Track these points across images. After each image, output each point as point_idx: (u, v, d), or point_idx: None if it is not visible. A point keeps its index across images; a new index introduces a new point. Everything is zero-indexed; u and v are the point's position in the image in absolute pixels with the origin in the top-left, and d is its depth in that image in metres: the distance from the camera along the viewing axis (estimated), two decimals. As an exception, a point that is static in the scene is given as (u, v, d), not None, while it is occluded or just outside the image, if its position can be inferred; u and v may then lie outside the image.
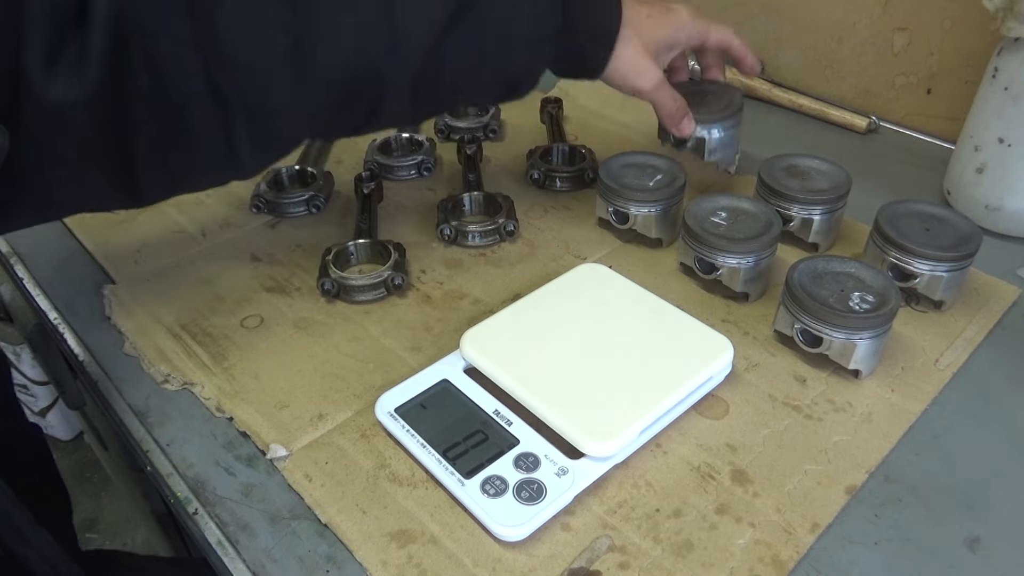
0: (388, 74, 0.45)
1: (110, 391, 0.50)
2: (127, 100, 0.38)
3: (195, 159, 0.43)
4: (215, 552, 0.41)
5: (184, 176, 0.44)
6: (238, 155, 0.43)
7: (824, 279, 0.50)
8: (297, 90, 0.42)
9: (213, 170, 0.45)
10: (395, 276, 0.56)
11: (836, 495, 0.42)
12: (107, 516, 1.38)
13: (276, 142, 0.46)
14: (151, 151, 0.41)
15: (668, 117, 0.58)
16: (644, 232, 0.60)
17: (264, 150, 0.45)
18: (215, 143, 0.42)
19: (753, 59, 0.62)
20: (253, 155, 0.44)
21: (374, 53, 0.43)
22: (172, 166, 0.42)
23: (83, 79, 0.36)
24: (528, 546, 0.40)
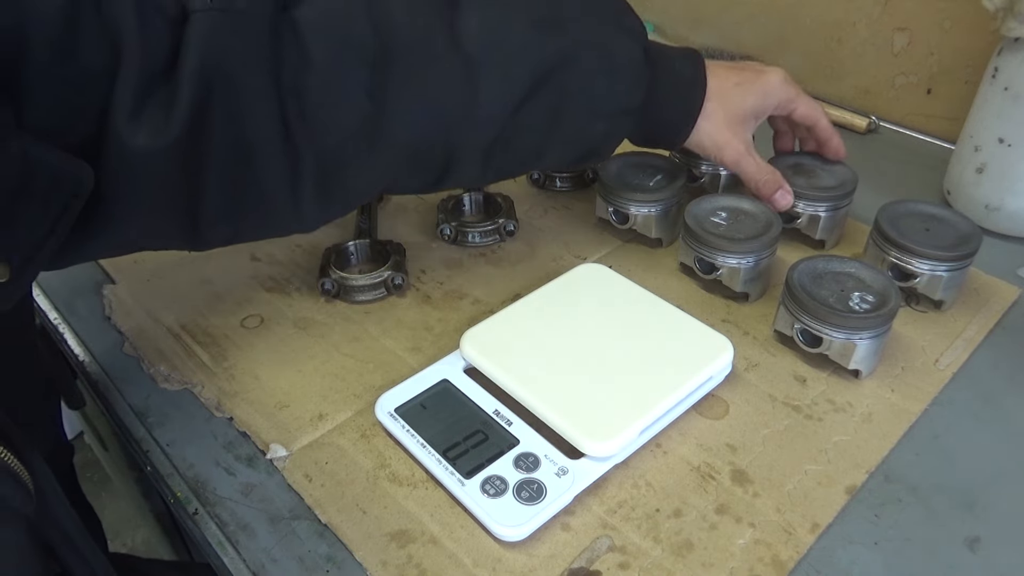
0: (462, 143, 0.45)
1: (110, 391, 0.50)
2: (207, 150, 0.38)
3: (260, 212, 0.43)
4: (215, 552, 0.41)
5: (247, 227, 0.44)
6: (302, 212, 0.43)
7: (824, 279, 0.50)
8: (370, 154, 0.43)
9: (276, 224, 0.45)
10: (395, 276, 0.56)
11: (836, 495, 0.42)
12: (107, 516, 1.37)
13: (342, 200, 0.46)
14: (220, 200, 0.41)
15: (757, 190, 0.56)
16: (644, 232, 0.60)
17: (329, 208, 0.45)
18: (282, 198, 0.42)
19: (838, 143, 0.59)
20: (318, 212, 0.44)
21: (451, 122, 0.44)
22: (238, 216, 0.43)
23: (168, 130, 0.36)
24: (528, 546, 0.40)
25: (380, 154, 0.43)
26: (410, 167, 0.45)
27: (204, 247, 0.45)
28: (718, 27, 0.91)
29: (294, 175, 0.41)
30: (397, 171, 0.45)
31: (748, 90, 0.54)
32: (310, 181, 0.42)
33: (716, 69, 0.53)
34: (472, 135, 0.45)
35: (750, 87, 0.54)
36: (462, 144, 0.45)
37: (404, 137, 0.43)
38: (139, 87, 0.36)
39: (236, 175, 0.40)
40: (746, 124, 0.55)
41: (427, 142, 0.44)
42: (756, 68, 0.56)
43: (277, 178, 0.41)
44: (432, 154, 0.45)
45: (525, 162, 0.50)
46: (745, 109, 0.54)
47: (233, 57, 0.37)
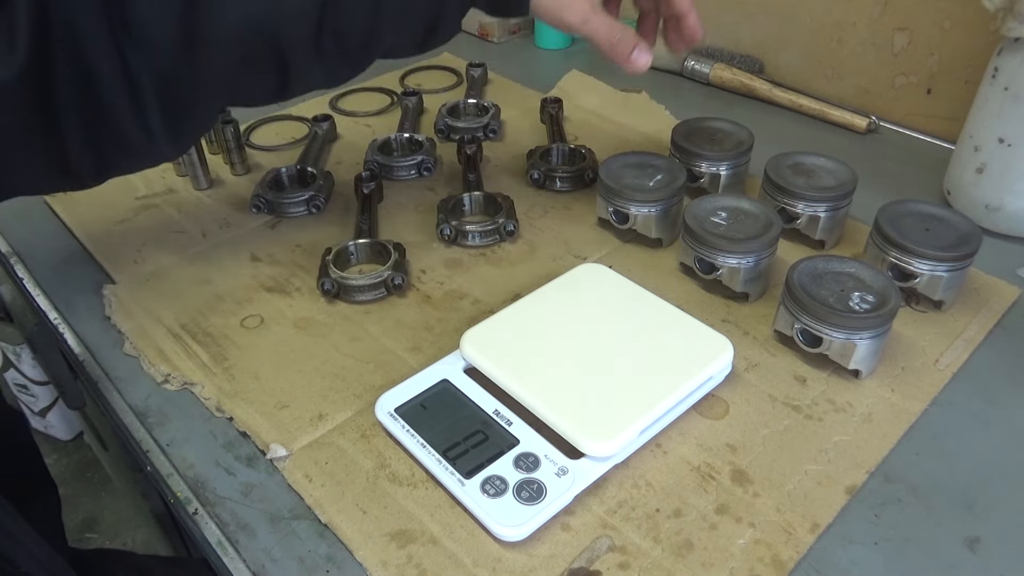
0: (283, 35, 0.43)
1: (110, 391, 0.50)
2: (52, 75, 0.39)
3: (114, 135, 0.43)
4: (215, 552, 0.41)
5: (109, 154, 0.45)
6: (152, 130, 0.43)
7: (824, 279, 0.50)
8: (197, 58, 0.42)
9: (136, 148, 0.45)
10: (395, 276, 0.56)
11: (836, 495, 0.42)
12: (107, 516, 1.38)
13: (187, 112, 0.45)
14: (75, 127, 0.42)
15: (610, 49, 0.52)
16: (644, 232, 0.60)
17: (177, 121, 0.45)
18: (130, 118, 0.42)
19: (696, 20, 0.55)
20: (167, 128, 0.44)
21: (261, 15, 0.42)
22: (96, 143, 0.43)
23: (14, 57, 0.38)
24: (528, 546, 0.40)
25: (207, 59, 0.43)
26: (245, 69, 0.44)
27: (83, 182, 0.45)
28: (718, 27, 0.91)
29: (133, 90, 0.42)
30: (234, 76, 0.44)
31: None
32: (150, 96, 0.42)
33: None
34: (289, 26, 0.43)
35: None
36: (284, 38, 0.43)
37: (222, 37, 0.42)
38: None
39: (85, 100, 0.41)
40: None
41: (247, 41, 0.43)
42: None
43: (120, 96, 0.41)
44: (260, 53, 0.44)
45: (366, 48, 0.47)
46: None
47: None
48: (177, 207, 0.67)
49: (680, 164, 0.62)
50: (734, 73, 0.86)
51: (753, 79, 0.85)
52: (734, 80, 0.86)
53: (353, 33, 0.45)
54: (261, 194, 0.66)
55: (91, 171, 0.45)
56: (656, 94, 0.84)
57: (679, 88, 0.88)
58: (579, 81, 0.87)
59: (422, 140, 0.74)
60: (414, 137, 0.74)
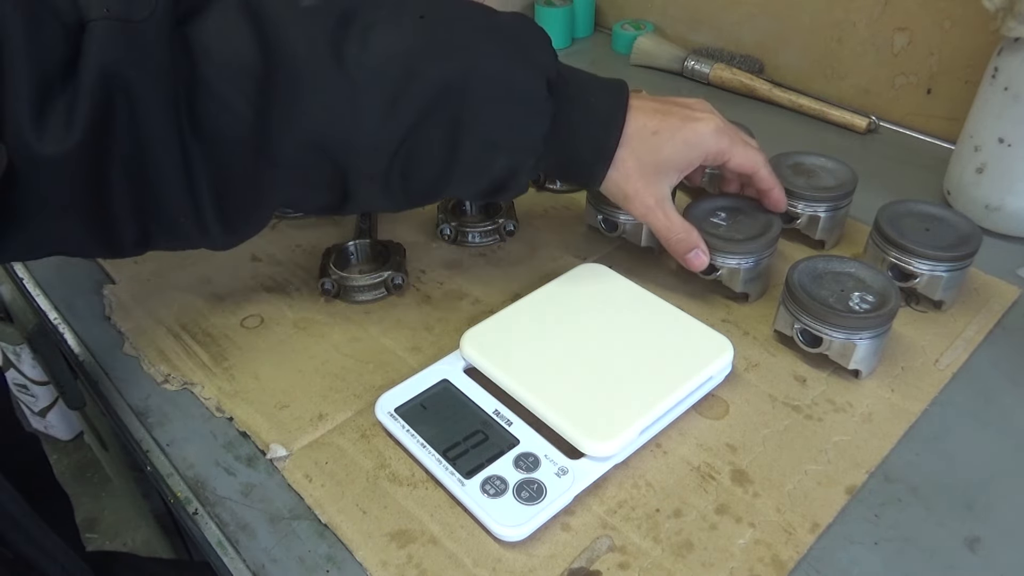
0: (350, 167, 0.44)
1: (110, 391, 0.50)
2: (108, 156, 0.39)
3: (163, 222, 0.43)
4: (215, 552, 0.41)
5: (154, 236, 0.45)
6: (205, 224, 0.44)
7: (824, 279, 0.50)
8: (258, 167, 0.43)
9: (182, 238, 0.45)
10: (395, 276, 0.56)
11: (836, 495, 0.42)
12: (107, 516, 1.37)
13: (243, 214, 0.46)
14: (124, 207, 0.42)
15: (667, 246, 0.52)
16: (633, 240, 0.59)
17: (231, 221, 0.45)
18: (182, 208, 0.43)
19: (779, 195, 0.54)
20: (221, 225, 0.45)
21: (332, 145, 0.43)
22: (143, 224, 0.43)
23: (69, 135, 0.37)
24: (528, 546, 0.40)
25: (268, 169, 0.43)
26: (304, 186, 0.45)
27: (121, 255, 0.45)
28: (718, 27, 0.91)
29: (192, 189, 0.42)
30: (292, 188, 0.45)
31: (666, 140, 0.48)
32: (206, 192, 0.42)
33: (638, 111, 0.48)
34: (358, 161, 0.44)
35: (670, 137, 0.48)
36: (351, 168, 0.44)
37: (288, 154, 0.43)
38: (37, 90, 0.36)
39: (138, 181, 0.41)
40: (661, 176, 0.49)
41: (312, 162, 0.44)
42: (686, 112, 0.50)
43: (175, 187, 0.42)
44: (322, 175, 0.44)
45: (431, 192, 0.48)
46: (659, 160, 0.49)
47: (131, 66, 0.38)
48: (177, 207, 0.67)
49: None
50: (734, 73, 0.86)
51: (753, 79, 0.85)
52: (734, 80, 0.86)
53: (421, 180, 0.46)
54: (261, 194, 0.66)
55: (131, 247, 0.45)
56: (656, 94, 0.83)
57: (679, 88, 0.88)
58: None
59: (422, 140, 0.74)
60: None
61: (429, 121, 0.43)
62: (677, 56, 0.90)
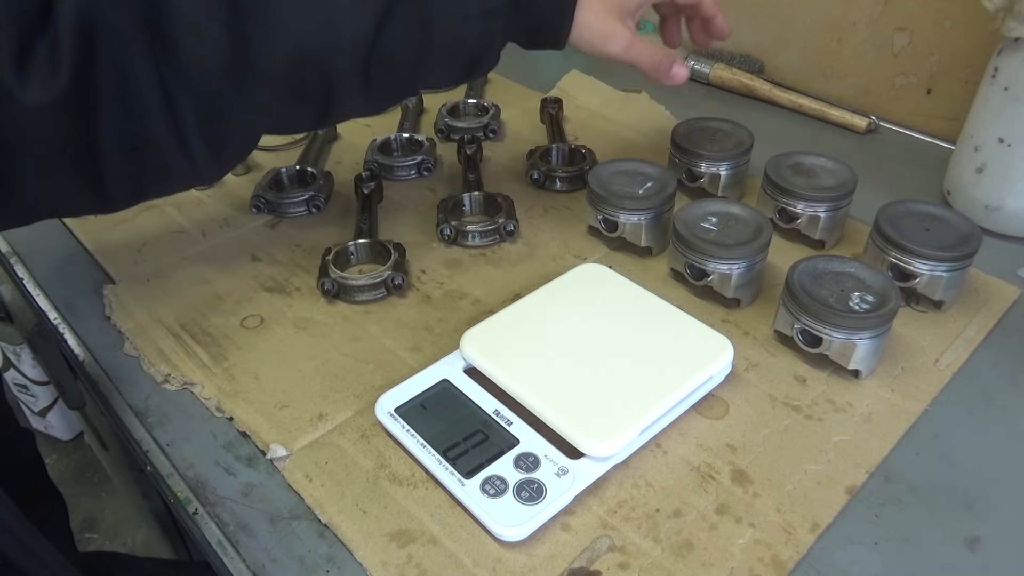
0: (333, 68, 0.44)
1: (110, 391, 0.50)
2: (93, 100, 0.39)
3: (153, 161, 0.43)
4: (215, 552, 0.41)
5: (146, 179, 0.45)
6: (193, 156, 0.44)
7: (824, 279, 0.50)
8: (242, 88, 0.43)
9: (173, 174, 0.45)
10: (395, 276, 0.56)
11: (836, 495, 0.42)
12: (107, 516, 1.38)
13: (229, 142, 0.46)
14: (114, 152, 0.42)
15: (653, 70, 0.55)
16: (633, 240, 0.59)
17: (218, 151, 0.45)
18: (170, 144, 0.42)
19: (723, 20, 0.59)
20: (208, 157, 0.44)
21: (313, 47, 0.43)
22: (133, 168, 0.43)
23: (56, 79, 0.37)
24: (528, 546, 0.40)
25: (253, 89, 0.43)
26: (288, 100, 0.45)
27: (112, 206, 0.46)
28: (718, 27, 0.91)
29: (175, 119, 0.42)
30: (277, 105, 0.45)
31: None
32: (192, 124, 0.42)
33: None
34: (341, 58, 0.44)
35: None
36: (334, 70, 0.44)
37: (271, 69, 0.43)
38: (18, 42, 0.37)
39: (125, 125, 0.41)
40: (628, 13, 0.53)
41: (297, 72, 0.44)
42: None
43: (161, 123, 0.42)
44: (306, 84, 0.45)
45: (411, 80, 0.49)
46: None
47: (106, 6, 0.38)
48: (177, 207, 0.67)
49: (671, 172, 0.61)
50: (734, 73, 0.86)
51: (753, 79, 0.85)
52: (734, 80, 0.86)
53: (400, 67, 0.47)
54: (261, 194, 0.66)
55: (124, 195, 0.45)
56: (656, 94, 0.84)
57: (679, 88, 0.88)
58: (579, 81, 0.87)
59: (422, 140, 0.74)
60: (414, 137, 0.74)
61: (396, 6, 0.44)
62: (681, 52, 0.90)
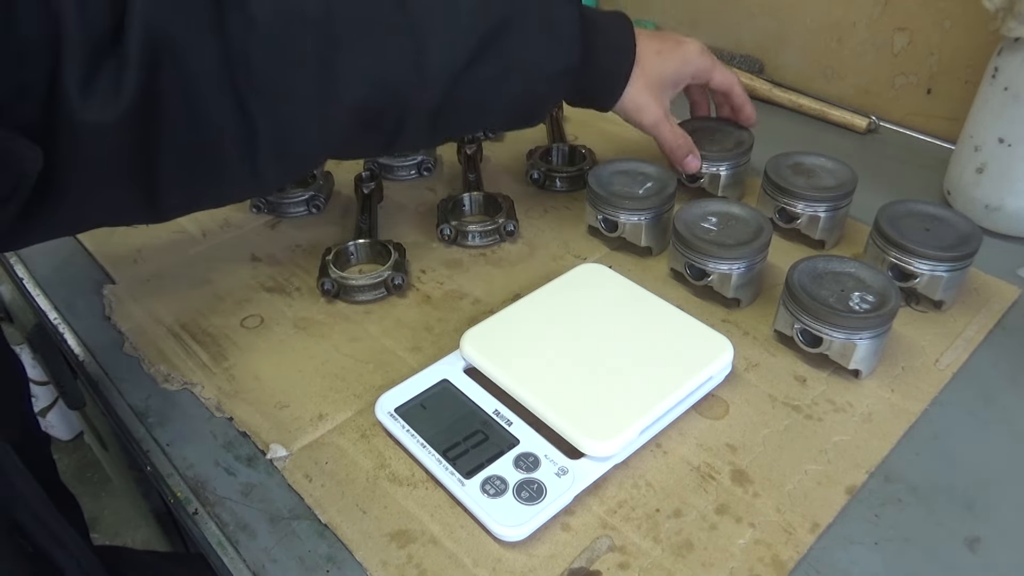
0: (411, 105, 0.46)
1: (110, 391, 0.50)
2: (158, 119, 0.39)
3: (217, 178, 0.43)
4: (215, 552, 0.41)
5: (205, 194, 0.45)
6: (260, 175, 0.44)
7: (824, 279, 0.50)
8: (322, 117, 0.43)
9: (233, 188, 0.46)
10: (395, 276, 0.56)
11: (836, 495, 0.42)
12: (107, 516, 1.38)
13: (297, 162, 0.47)
14: (176, 169, 0.41)
15: (670, 153, 0.61)
16: (633, 240, 0.59)
17: (285, 170, 0.46)
18: (237, 162, 0.42)
19: (751, 110, 0.64)
20: (275, 175, 0.45)
21: (398, 83, 0.45)
22: (194, 184, 0.43)
23: (119, 99, 0.37)
24: (528, 546, 0.40)
25: (332, 117, 0.44)
26: (362, 129, 0.46)
27: (162, 218, 0.46)
28: (718, 27, 0.91)
29: (248, 141, 0.42)
30: (350, 133, 0.46)
31: (668, 58, 0.58)
32: (266, 145, 0.42)
33: (643, 37, 0.57)
34: (421, 97, 0.46)
35: (670, 55, 0.58)
36: (412, 106, 0.46)
37: (355, 100, 0.44)
38: (86, 58, 0.36)
39: (189, 144, 0.41)
40: (664, 90, 0.59)
41: (378, 104, 0.45)
42: (676, 38, 0.59)
43: (231, 144, 0.42)
44: (383, 116, 0.46)
45: (470, 123, 0.53)
46: (664, 76, 0.58)
47: (178, 24, 0.38)
48: (177, 207, 0.67)
49: (671, 172, 0.61)
50: (734, 73, 0.86)
51: (753, 79, 0.85)
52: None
53: (468, 112, 0.50)
54: (261, 194, 0.66)
55: (178, 209, 0.46)
56: (656, 94, 0.83)
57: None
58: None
59: (422, 140, 0.74)
60: (414, 137, 0.74)
61: (486, 54, 0.47)
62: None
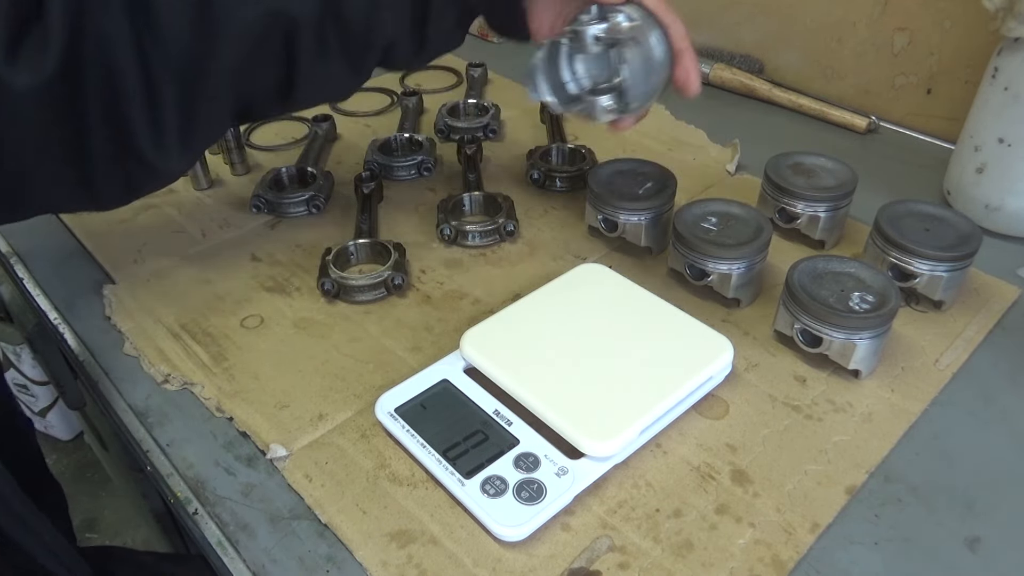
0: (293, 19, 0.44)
1: (110, 391, 0.50)
2: (80, 83, 0.40)
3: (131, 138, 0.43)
4: (215, 552, 0.41)
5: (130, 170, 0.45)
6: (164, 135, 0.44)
7: (824, 279, 0.50)
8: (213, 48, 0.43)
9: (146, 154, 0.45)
10: (395, 276, 0.56)
11: (836, 495, 0.42)
12: (107, 516, 1.38)
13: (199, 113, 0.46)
14: (100, 137, 0.42)
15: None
16: (633, 240, 0.59)
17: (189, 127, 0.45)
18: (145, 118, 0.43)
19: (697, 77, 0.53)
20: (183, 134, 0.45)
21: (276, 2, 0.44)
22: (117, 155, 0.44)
23: (45, 62, 0.38)
24: (528, 546, 0.40)
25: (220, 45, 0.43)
26: (254, 57, 0.45)
27: (101, 200, 0.46)
28: (718, 27, 0.91)
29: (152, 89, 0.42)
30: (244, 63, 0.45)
31: None
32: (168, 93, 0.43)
33: None
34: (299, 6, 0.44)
35: None
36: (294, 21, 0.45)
37: (237, 22, 0.43)
38: (11, 23, 0.38)
39: (112, 112, 0.42)
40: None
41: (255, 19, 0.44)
42: None
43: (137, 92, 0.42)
44: (270, 41, 0.45)
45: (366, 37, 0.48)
46: None
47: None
48: (177, 207, 0.67)
49: (671, 172, 0.61)
50: (734, 73, 0.86)
51: (753, 79, 0.85)
52: (734, 80, 0.86)
53: (354, 22, 0.47)
54: (261, 194, 0.66)
55: (112, 188, 0.46)
56: (656, 94, 0.83)
57: (679, 88, 0.88)
58: None
59: (422, 140, 0.74)
60: (414, 137, 0.74)
61: None
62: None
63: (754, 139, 0.72)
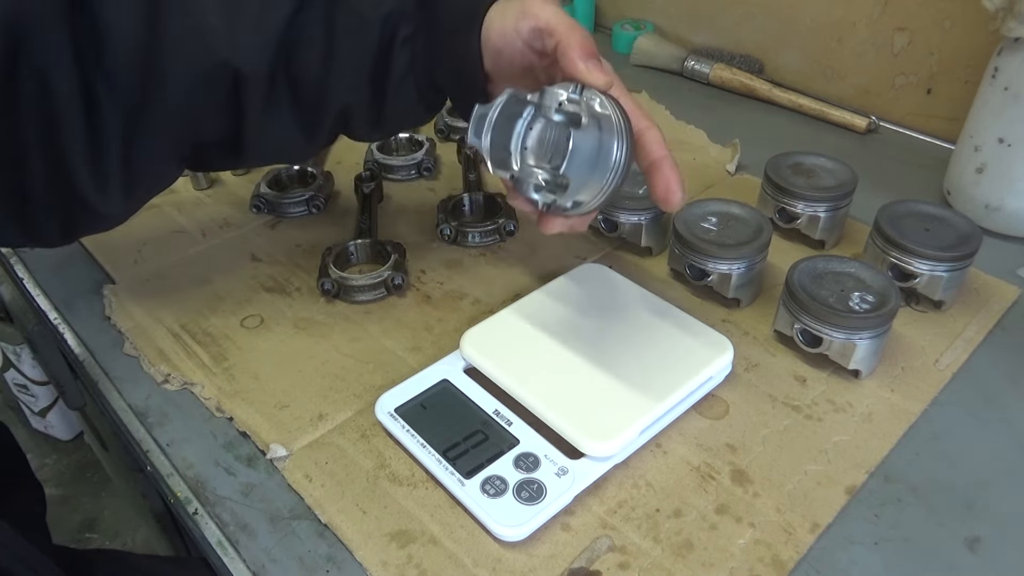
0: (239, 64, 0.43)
1: (110, 391, 0.50)
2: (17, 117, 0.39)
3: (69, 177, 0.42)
4: (215, 552, 0.41)
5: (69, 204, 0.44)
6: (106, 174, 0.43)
7: (824, 279, 0.50)
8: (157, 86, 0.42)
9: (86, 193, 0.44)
10: (395, 276, 0.56)
11: (836, 495, 0.42)
12: (107, 516, 1.37)
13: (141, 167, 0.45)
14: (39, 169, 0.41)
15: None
16: (632, 240, 0.59)
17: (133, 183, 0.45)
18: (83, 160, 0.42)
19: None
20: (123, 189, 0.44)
21: (220, 42, 0.42)
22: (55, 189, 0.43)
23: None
24: (528, 546, 0.40)
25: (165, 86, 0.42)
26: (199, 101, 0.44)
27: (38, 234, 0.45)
28: (718, 27, 0.91)
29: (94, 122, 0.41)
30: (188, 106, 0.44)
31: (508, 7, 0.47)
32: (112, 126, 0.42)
33: None
34: (245, 54, 0.43)
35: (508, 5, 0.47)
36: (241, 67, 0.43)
37: (179, 62, 0.42)
38: None
39: (48, 144, 0.41)
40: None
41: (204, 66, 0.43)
42: None
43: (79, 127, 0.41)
44: (216, 83, 0.43)
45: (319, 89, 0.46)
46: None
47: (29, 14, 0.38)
48: (177, 207, 0.67)
49: None
50: (734, 73, 0.86)
51: (753, 79, 0.85)
52: (734, 80, 0.86)
53: (306, 77, 0.45)
54: (261, 194, 0.66)
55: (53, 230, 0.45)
56: (656, 94, 0.84)
57: (679, 88, 0.88)
58: None
59: (422, 140, 0.74)
60: (414, 137, 0.74)
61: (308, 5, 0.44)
62: (677, 56, 0.90)
63: (754, 139, 0.72)
